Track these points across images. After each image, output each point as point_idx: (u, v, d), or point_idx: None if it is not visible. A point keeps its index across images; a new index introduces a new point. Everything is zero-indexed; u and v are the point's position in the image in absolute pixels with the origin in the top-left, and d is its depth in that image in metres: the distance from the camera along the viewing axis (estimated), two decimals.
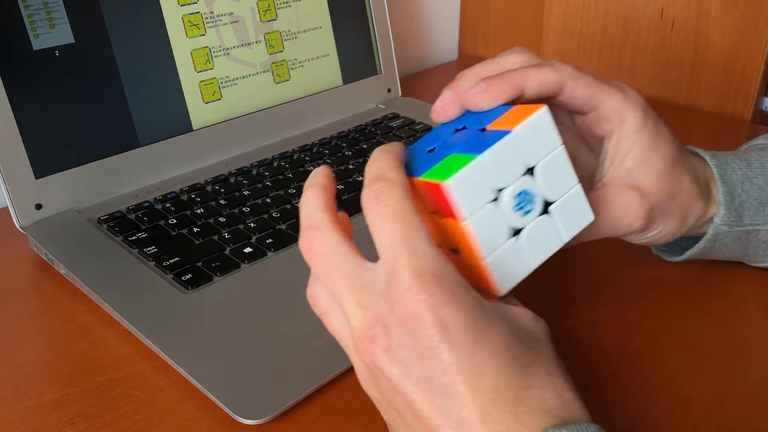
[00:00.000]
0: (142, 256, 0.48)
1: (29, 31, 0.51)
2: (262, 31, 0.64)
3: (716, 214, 0.42)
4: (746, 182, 0.42)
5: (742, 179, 0.42)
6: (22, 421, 0.38)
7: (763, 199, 0.42)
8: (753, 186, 0.42)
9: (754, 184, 0.42)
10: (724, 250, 0.44)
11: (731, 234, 0.43)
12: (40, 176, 0.52)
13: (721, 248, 0.44)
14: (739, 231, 0.43)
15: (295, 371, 0.39)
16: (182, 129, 0.59)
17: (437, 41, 0.99)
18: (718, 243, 0.43)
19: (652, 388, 0.40)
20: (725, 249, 0.44)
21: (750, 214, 0.42)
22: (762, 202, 0.42)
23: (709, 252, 0.44)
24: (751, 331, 0.44)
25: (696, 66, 0.79)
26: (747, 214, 0.42)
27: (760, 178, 0.42)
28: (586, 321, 0.45)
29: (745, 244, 0.44)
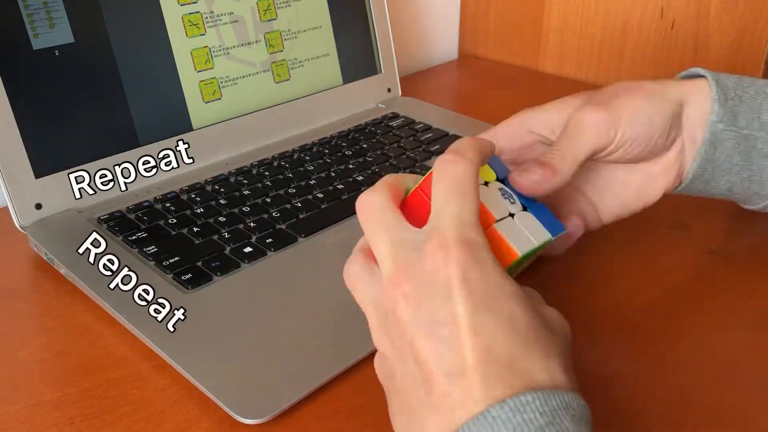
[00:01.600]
0: (142, 256, 0.48)
1: (29, 31, 0.50)
2: (262, 30, 0.64)
3: (711, 111, 0.43)
4: (738, 89, 0.44)
5: (735, 86, 0.44)
6: (22, 421, 0.38)
7: (755, 107, 0.43)
8: (745, 94, 0.44)
9: (746, 92, 0.44)
10: (727, 165, 0.44)
11: (729, 135, 0.43)
12: (40, 176, 0.52)
13: (722, 160, 0.44)
14: (737, 134, 0.43)
15: (295, 371, 0.39)
16: (182, 129, 0.59)
17: (437, 41, 0.99)
18: (718, 149, 0.44)
19: (653, 388, 0.40)
20: (727, 162, 0.44)
21: (745, 118, 0.43)
22: (755, 109, 0.43)
23: (712, 164, 0.44)
24: (750, 331, 0.44)
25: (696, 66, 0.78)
26: (742, 117, 0.43)
27: (752, 88, 0.44)
28: (586, 321, 0.45)
29: (746, 155, 0.44)
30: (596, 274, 0.50)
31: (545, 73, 0.92)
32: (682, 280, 0.49)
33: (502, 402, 0.27)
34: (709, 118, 0.43)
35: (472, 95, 0.86)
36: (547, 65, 0.92)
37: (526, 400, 0.27)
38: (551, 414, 0.27)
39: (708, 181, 0.45)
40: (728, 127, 0.43)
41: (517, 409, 0.27)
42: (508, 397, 0.27)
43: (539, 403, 0.27)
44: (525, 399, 0.27)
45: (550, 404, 0.27)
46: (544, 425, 0.26)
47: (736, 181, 0.45)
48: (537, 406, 0.27)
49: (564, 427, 0.26)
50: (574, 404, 0.28)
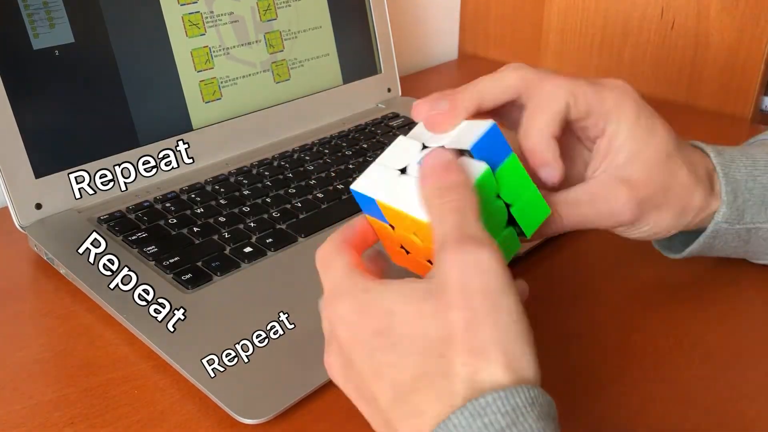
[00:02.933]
0: (142, 256, 0.48)
1: (29, 31, 0.50)
2: (262, 30, 0.64)
3: (717, 211, 0.42)
4: (750, 181, 0.42)
5: (746, 177, 0.42)
6: (22, 421, 0.38)
7: (766, 199, 0.42)
8: (757, 185, 0.42)
9: (758, 183, 0.42)
10: (725, 247, 0.44)
11: (731, 231, 0.43)
12: (40, 176, 0.51)
13: (721, 245, 0.44)
14: (740, 228, 0.43)
15: (295, 371, 0.39)
16: (182, 128, 0.59)
17: (437, 41, 0.99)
18: (718, 240, 0.43)
19: (652, 388, 0.40)
20: (726, 246, 0.44)
21: (752, 213, 0.42)
22: (765, 201, 0.42)
23: (710, 248, 0.44)
24: (751, 331, 0.44)
25: (696, 66, 0.79)
26: (749, 212, 0.42)
27: (765, 177, 0.42)
28: (586, 321, 0.45)
29: (745, 241, 0.44)
30: (596, 273, 0.50)
31: None
32: (682, 280, 0.49)
33: (462, 408, 0.26)
34: (715, 217, 0.42)
35: None
36: (547, 65, 0.92)
37: (485, 401, 0.26)
38: (513, 413, 0.26)
39: (701, 255, 0.45)
40: (732, 225, 0.42)
41: (477, 413, 0.26)
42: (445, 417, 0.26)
43: (501, 403, 0.26)
44: (484, 401, 0.26)
45: (512, 402, 0.26)
46: (506, 426, 0.25)
47: (730, 254, 0.46)
48: (498, 407, 0.26)
49: (528, 425, 0.26)
50: (541, 400, 0.27)
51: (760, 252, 0.45)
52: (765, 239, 0.44)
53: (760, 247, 0.44)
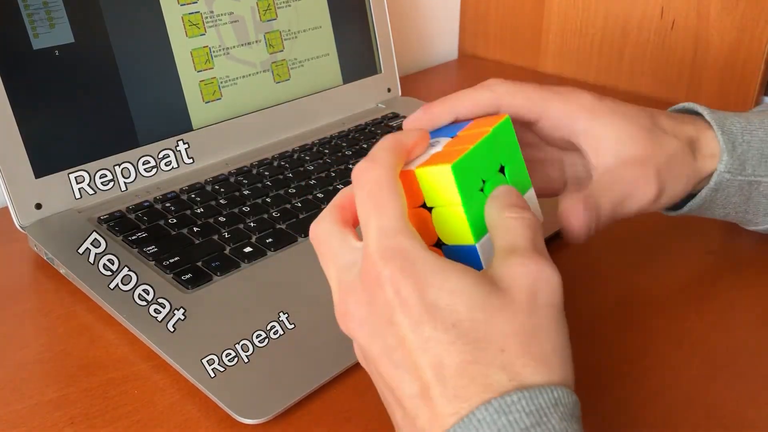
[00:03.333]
0: (142, 256, 0.48)
1: (29, 31, 0.50)
2: (262, 30, 0.64)
3: (719, 161, 0.42)
4: (746, 134, 0.43)
5: (742, 131, 0.43)
6: (22, 421, 0.38)
7: (764, 150, 0.43)
8: (753, 137, 0.43)
9: (755, 136, 0.43)
10: (725, 203, 0.44)
11: (734, 183, 0.43)
12: (40, 176, 0.52)
13: (722, 200, 0.44)
14: (742, 180, 0.43)
15: (295, 371, 0.39)
16: (182, 128, 0.59)
17: (437, 41, 0.99)
18: (720, 193, 0.43)
19: (652, 388, 0.40)
20: (726, 201, 0.44)
21: (753, 164, 0.42)
22: (764, 154, 0.43)
23: (710, 203, 0.44)
24: (751, 331, 0.44)
25: (696, 66, 0.79)
26: (749, 163, 0.42)
27: (760, 131, 0.43)
28: (586, 321, 0.45)
29: (746, 196, 0.44)
30: (596, 274, 0.50)
31: (545, 73, 0.92)
32: (682, 280, 0.49)
33: (487, 403, 0.26)
34: (717, 167, 0.42)
35: None
36: (547, 65, 0.92)
37: (511, 400, 0.26)
38: (538, 413, 0.26)
39: (702, 212, 0.45)
40: (735, 176, 0.42)
41: (502, 410, 0.26)
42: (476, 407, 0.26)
43: (525, 402, 0.26)
44: (510, 399, 0.26)
45: (537, 402, 0.26)
46: (530, 426, 0.26)
47: (730, 212, 0.45)
48: (523, 405, 0.26)
49: (551, 426, 0.26)
50: (565, 400, 0.27)
51: (759, 213, 0.45)
52: (765, 195, 0.44)
53: (760, 205, 0.44)
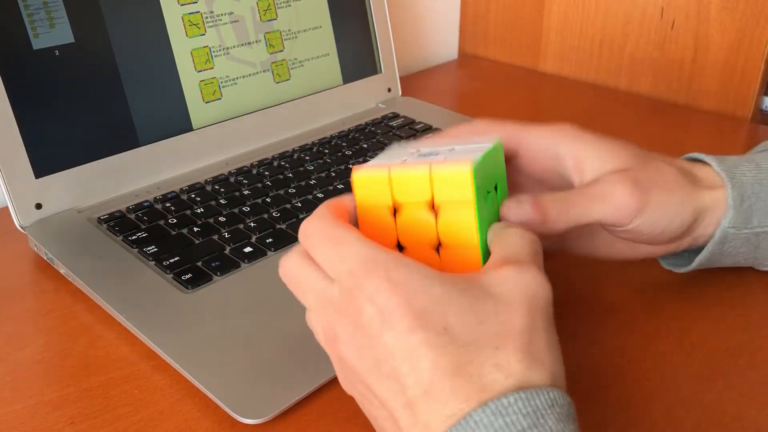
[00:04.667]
0: (142, 256, 0.48)
1: (29, 31, 0.50)
2: (262, 30, 0.64)
3: (724, 216, 0.41)
4: (756, 185, 0.42)
5: (752, 181, 0.42)
6: (22, 421, 0.38)
7: None
8: (763, 188, 0.42)
9: (765, 187, 0.42)
10: (734, 253, 0.44)
11: (740, 236, 0.42)
12: (40, 176, 0.52)
13: (730, 251, 0.43)
14: (748, 233, 0.42)
15: (295, 371, 0.39)
16: (182, 128, 0.59)
17: (437, 41, 0.99)
18: (726, 246, 0.43)
19: (652, 388, 0.40)
20: (734, 252, 0.43)
21: (759, 216, 0.42)
22: None
23: (718, 256, 0.44)
24: (751, 331, 0.44)
25: (696, 66, 0.79)
26: (756, 216, 0.42)
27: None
28: (586, 321, 0.45)
29: (754, 246, 0.43)
30: (596, 274, 0.50)
31: (545, 73, 0.92)
32: (682, 280, 0.49)
33: (484, 405, 0.26)
34: (722, 223, 0.42)
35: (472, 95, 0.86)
36: (547, 65, 0.92)
37: (507, 401, 0.26)
38: (534, 414, 0.26)
39: (711, 265, 0.45)
40: (740, 230, 0.42)
41: (499, 412, 0.26)
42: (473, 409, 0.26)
43: (522, 404, 0.26)
44: (507, 401, 0.26)
45: (533, 404, 0.26)
46: (527, 427, 0.26)
47: (740, 261, 0.45)
48: (520, 407, 0.26)
49: (548, 427, 0.26)
50: (560, 401, 0.27)
51: None
52: None
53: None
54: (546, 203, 0.36)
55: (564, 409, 0.27)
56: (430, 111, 0.73)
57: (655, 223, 0.40)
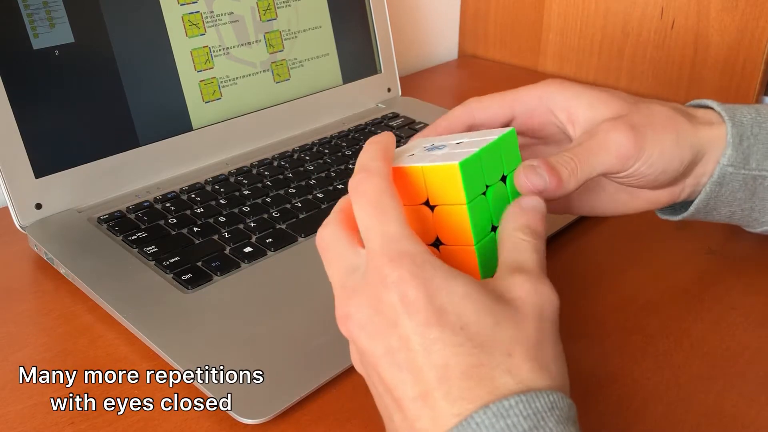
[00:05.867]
0: (142, 256, 0.48)
1: (29, 31, 0.50)
2: (262, 30, 0.64)
3: (723, 154, 0.42)
4: (755, 126, 0.42)
5: (752, 123, 0.42)
6: (21, 420, 0.38)
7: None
8: (762, 131, 0.42)
9: (763, 129, 0.42)
10: (730, 198, 0.43)
11: (738, 177, 0.42)
12: (40, 176, 0.51)
13: (727, 196, 0.43)
14: (746, 175, 0.42)
15: (295, 371, 0.39)
16: (182, 128, 0.59)
17: (437, 41, 0.99)
18: (724, 188, 0.43)
19: (652, 388, 0.40)
20: (731, 198, 0.43)
21: (757, 159, 0.42)
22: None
23: (715, 202, 0.44)
24: (750, 331, 0.44)
25: (696, 66, 0.79)
26: (754, 158, 0.42)
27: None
28: (586, 321, 0.45)
29: (751, 191, 0.43)
30: (596, 273, 0.50)
31: (545, 73, 0.92)
32: (682, 280, 0.49)
33: (485, 407, 0.26)
34: (720, 160, 0.42)
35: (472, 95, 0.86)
36: (547, 65, 0.92)
37: (509, 404, 0.26)
38: (535, 416, 0.26)
39: (708, 212, 0.45)
40: (738, 170, 0.42)
41: (500, 414, 0.26)
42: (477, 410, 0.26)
43: (523, 406, 0.26)
44: (508, 403, 0.26)
45: (534, 406, 0.27)
46: (528, 429, 0.26)
47: (736, 210, 0.45)
48: (521, 409, 0.26)
49: (549, 429, 0.26)
50: (561, 404, 0.27)
51: (766, 209, 0.44)
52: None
53: (766, 201, 0.44)
54: (558, 166, 0.37)
55: (564, 411, 0.27)
56: (430, 111, 0.73)
57: (655, 163, 0.40)
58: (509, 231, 0.33)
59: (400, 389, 0.29)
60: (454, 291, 0.29)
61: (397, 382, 0.29)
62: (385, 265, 0.29)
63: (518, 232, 0.33)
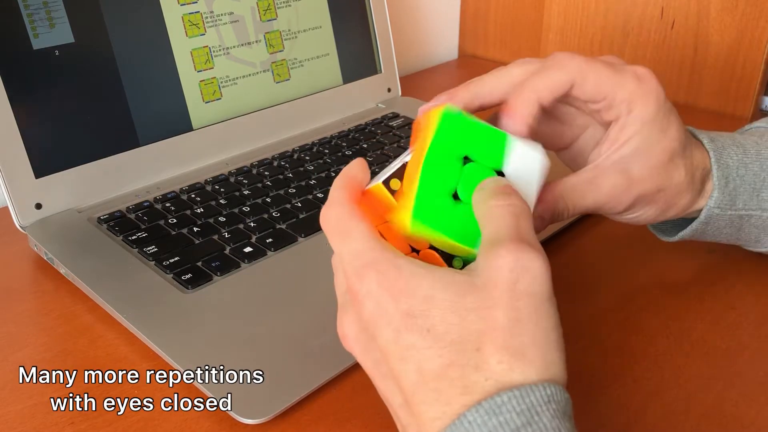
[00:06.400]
0: (142, 256, 0.48)
1: (29, 31, 0.50)
2: (262, 30, 0.64)
3: (710, 197, 0.42)
4: (741, 168, 0.42)
5: (738, 165, 0.42)
6: (21, 420, 0.38)
7: (757, 185, 0.43)
8: (748, 172, 0.43)
9: (749, 170, 0.43)
10: (717, 233, 0.44)
11: (724, 217, 0.43)
12: (40, 176, 0.51)
13: (713, 231, 0.44)
14: (732, 215, 0.43)
15: (295, 371, 0.39)
16: (182, 128, 0.59)
17: (437, 41, 0.99)
18: (710, 226, 0.43)
19: (652, 388, 0.40)
20: (717, 232, 0.44)
21: (743, 199, 0.43)
22: (756, 188, 0.43)
23: (702, 234, 0.44)
24: (750, 331, 0.44)
25: (696, 66, 0.79)
26: (740, 198, 0.43)
27: (755, 165, 0.43)
28: (586, 321, 0.45)
29: (737, 228, 0.44)
30: (596, 273, 0.50)
31: None
32: (682, 280, 0.49)
33: (477, 405, 0.26)
34: (708, 203, 0.42)
35: None
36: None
37: (501, 400, 0.26)
38: (529, 412, 0.26)
39: (694, 239, 0.46)
40: (724, 211, 0.43)
41: (493, 411, 0.26)
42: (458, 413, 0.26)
43: (516, 402, 0.26)
44: (500, 399, 0.26)
45: (528, 401, 0.26)
46: (521, 426, 0.26)
47: (723, 240, 0.46)
48: (513, 405, 0.26)
49: (543, 425, 0.26)
50: (557, 397, 0.27)
51: (752, 240, 0.45)
52: (757, 227, 0.44)
53: (752, 234, 0.45)
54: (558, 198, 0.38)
55: (560, 405, 0.27)
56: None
57: (640, 219, 0.42)
58: (483, 206, 0.31)
59: (391, 398, 0.30)
60: (417, 293, 0.28)
61: (388, 393, 0.30)
62: (355, 282, 0.30)
63: (490, 199, 0.31)
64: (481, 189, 0.32)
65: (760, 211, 0.43)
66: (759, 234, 0.45)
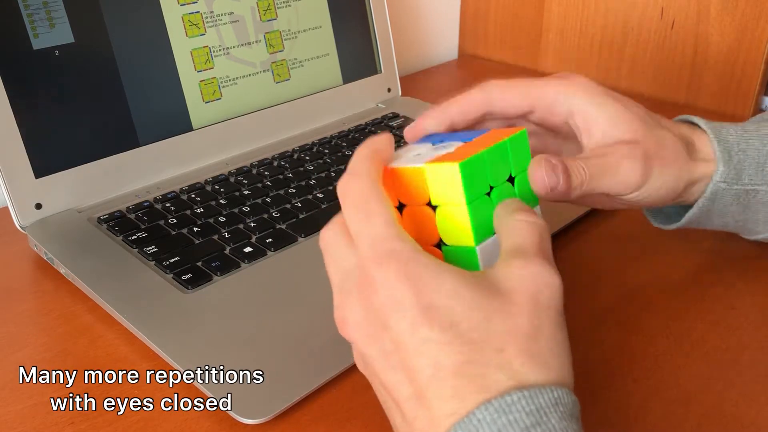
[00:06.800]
0: (142, 256, 0.48)
1: (29, 31, 0.50)
2: (262, 30, 0.64)
3: (715, 171, 0.42)
4: (742, 142, 0.43)
5: (738, 140, 0.43)
6: (21, 420, 0.38)
7: (761, 159, 0.43)
8: (750, 146, 0.43)
9: (751, 145, 0.43)
10: (723, 212, 0.44)
11: (730, 192, 0.43)
12: (40, 176, 0.52)
13: (719, 209, 0.44)
14: (738, 189, 0.43)
15: (295, 371, 0.39)
16: (182, 128, 0.59)
17: (437, 41, 0.99)
18: (717, 202, 0.43)
19: (652, 388, 0.40)
20: (724, 211, 0.44)
21: (749, 173, 0.42)
22: (760, 162, 0.43)
23: (707, 214, 0.44)
24: (750, 331, 0.44)
25: (696, 66, 0.79)
26: (746, 172, 0.42)
27: (756, 140, 0.43)
28: (586, 321, 0.45)
29: (744, 205, 0.44)
30: (596, 273, 0.50)
31: (545, 73, 0.92)
32: (682, 280, 0.49)
33: (487, 403, 0.26)
34: (713, 177, 0.42)
35: None
36: (547, 65, 0.92)
37: (511, 399, 0.26)
38: (538, 413, 0.26)
39: (701, 223, 0.45)
40: (731, 185, 0.42)
41: (502, 410, 0.26)
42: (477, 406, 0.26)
43: (525, 402, 0.26)
44: (510, 399, 0.26)
45: (537, 402, 0.26)
46: (530, 426, 0.26)
47: (729, 222, 0.45)
48: (523, 405, 0.26)
49: (551, 425, 0.26)
50: (565, 400, 0.27)
51: (759, 221, 0.45)
52: (763, 203, 0.44)
53: (759, 213, 0.44)
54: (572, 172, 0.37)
55: (568, 407, 0.27)
56: None
57: (651, 195, 0.41)
58: (506, 217, 0.32)
59: (397, 390, 0.29)
60: (441, 287, 0.28)
61: (394, 384, 0.29)
62: (372, 267, 0.29)
63: (515, 213, 0.32)
64: (507, 203, 0.33)
65: (767, 186, 0.43)
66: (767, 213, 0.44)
